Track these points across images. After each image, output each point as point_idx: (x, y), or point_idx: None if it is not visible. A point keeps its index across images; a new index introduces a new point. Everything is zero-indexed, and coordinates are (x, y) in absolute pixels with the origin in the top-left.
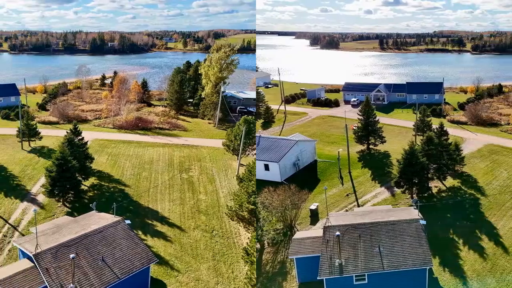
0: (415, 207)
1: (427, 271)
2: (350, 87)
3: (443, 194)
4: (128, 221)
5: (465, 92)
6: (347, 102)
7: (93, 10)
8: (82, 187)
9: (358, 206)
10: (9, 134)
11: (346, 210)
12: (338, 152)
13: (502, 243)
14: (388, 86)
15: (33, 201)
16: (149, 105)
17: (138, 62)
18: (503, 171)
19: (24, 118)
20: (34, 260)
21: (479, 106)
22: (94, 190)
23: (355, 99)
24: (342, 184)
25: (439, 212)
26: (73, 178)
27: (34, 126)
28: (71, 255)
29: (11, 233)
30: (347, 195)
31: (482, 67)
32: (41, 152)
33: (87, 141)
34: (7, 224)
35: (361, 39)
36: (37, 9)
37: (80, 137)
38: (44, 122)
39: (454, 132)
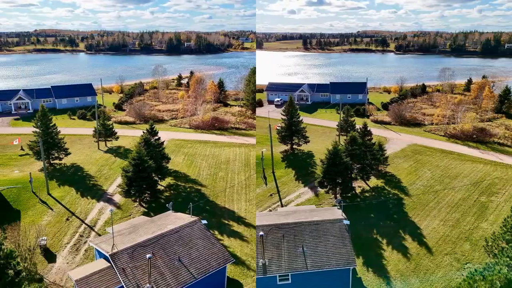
0: (338, 207)
1: (351, 271)
2: (274, 87)
3: (367, 194)
4: (204, 221)
5: (389, 92)
6: (270, 102)
7: (170, 10)
8: (159, 187)
9: (282, 206)
10: (85, 134)
11: (270, 210)
12: (262, 152)
13: (425, 243)
14: (311, 86)
15: (110, 201)
16: (226, 105)
17: (215, 62)
18: (426, 171)
19: (100, 118)
20: (111, 260)
21: (403, 106)
22: (171, 190)
23: (278, 99)
24: (266, 184)
25: (362, 212)
26: (149, 178)
27: (111, 126)
28: (148, 255)
29: (88, 233)
30: (271, 195)
31: (405, 67)
32: (117, 152)
33: (164, 141)
34: (84, 224)
35: (284, 39)
36: (113, 9)
37: (156, 137)
38: (120, 122)
39: (377, 132)
